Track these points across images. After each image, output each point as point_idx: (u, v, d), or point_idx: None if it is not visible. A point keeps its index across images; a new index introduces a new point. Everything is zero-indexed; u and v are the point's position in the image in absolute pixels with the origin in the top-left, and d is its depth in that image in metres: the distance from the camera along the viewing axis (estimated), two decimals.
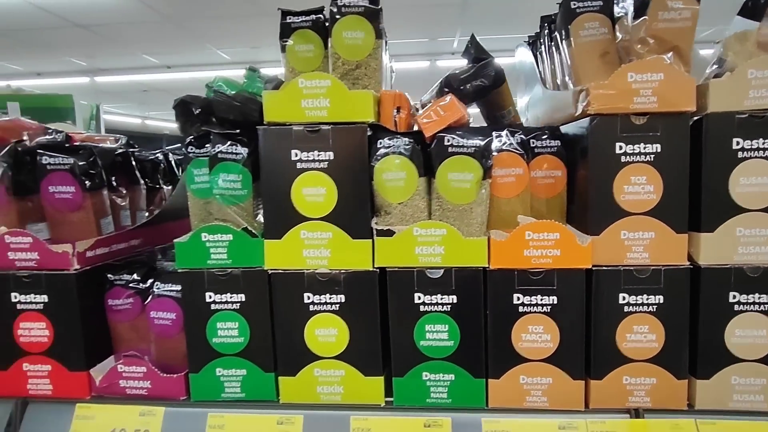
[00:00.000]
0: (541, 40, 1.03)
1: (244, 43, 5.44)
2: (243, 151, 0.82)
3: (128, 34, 4.91)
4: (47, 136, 1.05)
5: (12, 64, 5.68)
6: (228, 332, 0.87)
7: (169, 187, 1.26)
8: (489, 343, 0.83)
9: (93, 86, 6.75)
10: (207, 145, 0.90)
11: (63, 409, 0.90)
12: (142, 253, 1.06)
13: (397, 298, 0.83)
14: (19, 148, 0.90)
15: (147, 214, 1.13)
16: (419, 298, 0.83)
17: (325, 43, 0.94)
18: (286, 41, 0.95)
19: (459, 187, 0.77)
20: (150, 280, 0.94)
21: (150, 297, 0.92)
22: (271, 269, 0.85)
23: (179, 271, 0.87)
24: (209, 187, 0.90)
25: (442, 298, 0.82)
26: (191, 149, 0.91)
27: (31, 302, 0.90)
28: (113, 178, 1.00)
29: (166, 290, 0.92)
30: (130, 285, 0.95)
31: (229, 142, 0.82)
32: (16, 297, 0.90)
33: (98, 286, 0.94)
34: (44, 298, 0.89)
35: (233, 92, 0.96)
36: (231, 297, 0.86)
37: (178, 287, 0.91)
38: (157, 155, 1.28)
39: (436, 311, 0.83)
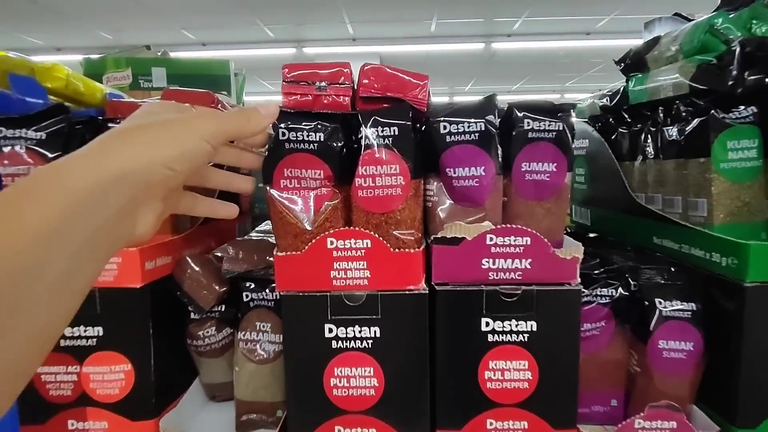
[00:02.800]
0: None
1: (290, 19, 5.06)
2: None
3: (170, 5, 4.47)
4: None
5: (33, 37, 5.12)
6: None
7: None
8: None
9: None
10: (744, 107, 0.64)
11: None
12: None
13: None
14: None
15: None
16: None
17: None
18: None
19: None
20: (631, 296, 0.68)
21: (655, 319, 0.66)
22: None
23: (746, 285, 0.60)
24: (754, 167, 0.65)
25: None
26: (720, 113, 0.64)
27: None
28: None
29: (680, 310, 0.66)
30: (603, 302, 0.68)
31: None
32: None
33: None
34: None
35: (738, 33, 0.70)
36: None
37: (692, 305, 0.66)
38: None
39: None
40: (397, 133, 0.58)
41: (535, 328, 0.61)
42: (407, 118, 0.59)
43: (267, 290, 0.69)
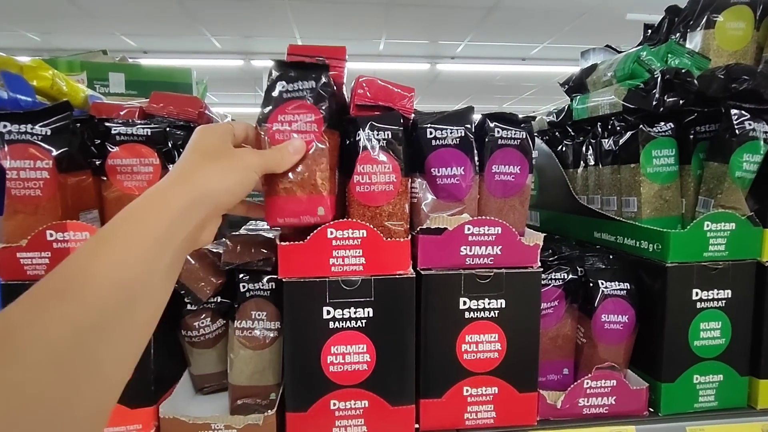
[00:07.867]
0: None
1: (238, 31, 5.03)
2: None
3: (107, 7, 4.29)
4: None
5: None
6: (710, 333, 0.77)
7: None
8: None
9: None
10: (664, 123, 0.80)
11: None
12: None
13: None
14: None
15: None
16: None
17: (756, 21, 0.88)
18: (717, 17, 0.87)
19: None
20: (578, 279, 0.81)
21: (599, 297, 0.79)
22: None
23: (668, 265, 0.75)
24: (672, 171, 0.80)
25: None
26: (647, 128, 0.80)
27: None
28: None
29: (617, 289, 0.79)
30: (557, 284, 0.81)
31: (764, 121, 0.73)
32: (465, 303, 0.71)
33: None
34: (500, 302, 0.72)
35: (658, 64, 0.86)
36: (717, 293, 0.77)
37: (626, 285, 0.80)
38: None
39: None
40: (390, 136, 0.67)
41: (504, 306, 0.72)
42: (399, 124, 0.68)
43: (263, 281, 0.74)
